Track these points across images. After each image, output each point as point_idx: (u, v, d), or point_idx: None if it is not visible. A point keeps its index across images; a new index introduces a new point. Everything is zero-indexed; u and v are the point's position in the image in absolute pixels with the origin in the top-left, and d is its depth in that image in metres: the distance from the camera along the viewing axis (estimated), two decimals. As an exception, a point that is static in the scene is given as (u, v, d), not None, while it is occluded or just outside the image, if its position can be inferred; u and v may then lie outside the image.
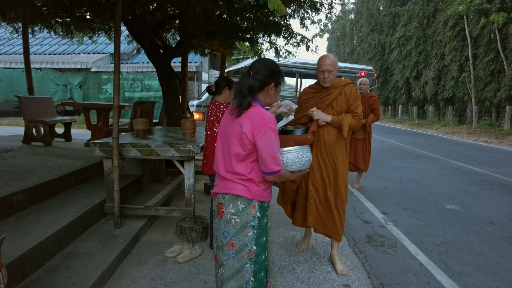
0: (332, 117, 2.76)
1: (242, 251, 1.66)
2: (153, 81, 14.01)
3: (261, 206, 1.71)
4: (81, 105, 8.19)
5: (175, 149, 3.22)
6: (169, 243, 3.24)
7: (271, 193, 1.81)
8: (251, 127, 1.63)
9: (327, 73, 2.73)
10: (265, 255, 1.73)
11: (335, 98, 2.81)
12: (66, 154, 4.86)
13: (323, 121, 2.74)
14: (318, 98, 2.86)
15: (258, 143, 1.61)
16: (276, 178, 1.68)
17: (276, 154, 1.63)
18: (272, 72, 1.74)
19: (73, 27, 5.81)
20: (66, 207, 3.16)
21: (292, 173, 1.77)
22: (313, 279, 2.76)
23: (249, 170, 1.67)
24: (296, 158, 1.73)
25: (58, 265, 2.55)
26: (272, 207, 4.41)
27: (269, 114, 1.69)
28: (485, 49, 16.29)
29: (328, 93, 2.83)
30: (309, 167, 1.87)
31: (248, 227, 1.66)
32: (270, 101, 1.82)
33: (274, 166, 1.62)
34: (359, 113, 2.81)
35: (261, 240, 1.69)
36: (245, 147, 1.64)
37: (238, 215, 1.66)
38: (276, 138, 1.65)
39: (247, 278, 1.66)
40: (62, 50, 15.96)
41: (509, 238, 3.74)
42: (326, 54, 2.83)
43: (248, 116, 1.65)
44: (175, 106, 5.30)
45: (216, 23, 4.01)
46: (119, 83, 3.23)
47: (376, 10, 31.98)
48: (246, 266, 1.66)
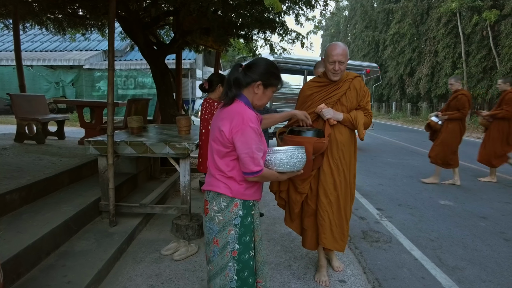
0: (344, 114, 2.41)
1: (225, 249, 1.65)
2: (147, 78, 13.91)
3: (244, 204, 1.67)
4: (74, 102, 8.11)
5: (170, 147, 3.20)
6: (165, 241, 3.24)
7: (258, 192, 1.75)
8: (230, 125, 1.58)
9: (338, 65, 2.33)
10: (250, 255, 1.69)
11: (344, 93, 2.45)
12: (59, 152, 4.81)
13: (334, 120, 2.39)
14: (325, 93, 2.48)
15: (236, 142, 1.57)
16: (257, 178, 1.62)
17: (255, 154, 1.55)
18: (262, 70, 1.65)
19: (65, 24, 5.75)
20: (60, 206, 3.14)
21: (281, 174, 1.70)
22: (310, 275, 2.77)
23: (230, 168, 1.64)
24: (285, 159, 1.65)
25: (54, 264, 2.53)
26: (268, 204, 4.45)
27: (250, 112, 1.62)
28: (478, 46, 16.45)
29: (337, 87, 2.46)
30: (301, 169, 1.76)
31: (230, 225, 1.65)
32: (259, 102, 1.71)
33: (253, 166, 1.56)
34: (370, 110, 2.54)
35: (244, 239, 1.66)
36: (225, 145, 1.61)
37: (221, 213, 1.66)
38: (256, 137, 1.58)
39: (230, 277, 1.66)
40: (54, 47, 15.77)
41: (501, 233, 3.79)
42: (337, 43, 2.39)
43: (229, 114, 1.62)
44: (170, 104, 5.27)
45: (211, 19, 3.99)
46: (113, 80, 3.21)
47: (370, 7, 32.07)
48: (229, 265, 1.65)
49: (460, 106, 5.43)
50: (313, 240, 2.62)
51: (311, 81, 2.62)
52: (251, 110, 1.65)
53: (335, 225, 2.50)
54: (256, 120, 1.63)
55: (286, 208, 2.73)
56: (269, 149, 1.69)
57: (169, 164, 3.43)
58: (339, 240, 2.53)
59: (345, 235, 2.55)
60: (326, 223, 2.47)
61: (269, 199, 4.70)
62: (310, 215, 2.57)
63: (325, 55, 2.40)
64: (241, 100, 1.66)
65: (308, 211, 2.57)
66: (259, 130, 1.64)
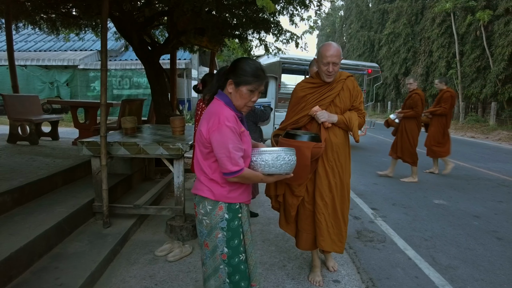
0: (339, 116, 2.37)
1: (215, 252, 1.65)
2: (142, 78, 13.86)
3: (229, 207, 1.64)
4: (68, 103, 8.06)
5: (164, 147, 3.19)
6: (159, 242, 3.22)
7: (244, 194, 1.72)
8: (208, 125, 1.57)
9: (332, 66, 2.28)
10: (241, 259, 1.67)
11: (337, 94, 2.41)
12: (53, 153, 4.78)
13: (329, 122, 2.35)
14: (318, 94, 2.42)
15: (213, 142, 1.55)
16: (237, 179, 1.58)
17: (231, 153, 1.51)
18: (235, 67, 1.61)
19: (59, 24, 5.70)
20: (54, 207, 3.11)
21: (268, 177, 1.66)
22: (304, 275, 2.78)
23: (212, 170, 1.63)
24: (270, 160, 1.60)
25: (46, 266, 2.51)
26: (263, 204, 4.45)
27: (228, 111, 1.59)
28: (471, 46, 16.57)
29: (330, 88, 2.41)
30: (290, 172, 1.70)
31: (217, 229, 1.64)
32: (237, 103, 1.64)
33: (231, 166, 1.52)
34: (363, 111, 2.51)
35: (232, 242, 1.64)
36: (205, 145, 1.60)
37: (207, 216, 1.65)
38: (233, 136, 1.53)
39: (223, 279, 1.66)
40: (48, 47, 15.65)
41: (493, 231, 3.82)
42: (330, 43, 2.32)
43: (207, 113, 1.61)
44: (164, 104, 5.25)
45: (205, 19, 3.98)
46: (106, 81, 3.19)
47: (365, 7, 32.18)
48: (221, 268, 1.65)
49: (413, 105, 5.78)
50: (308, 242, 2.59)
51: (304, 81, 2.55)
52: (229, 109, 1.61)
53: (332, 227, 2.48)
54: (234, 119, 1.59)
55: (281, 211, 2.68)
56: (255, 150, 1.65)
57: (164, 165, 3.42)
58: (337, 241, 2.51)
59: (343, 236, 2.53)
60: (323, 225, 2.45)
61: (264, 199, 4.70)
62: (307, 218, 2.53)
63: (318, 56, 2.35)
64: (221, 99, 1.63)
65: (304, 214, 2.53)
66: (238, 129, 1.58)
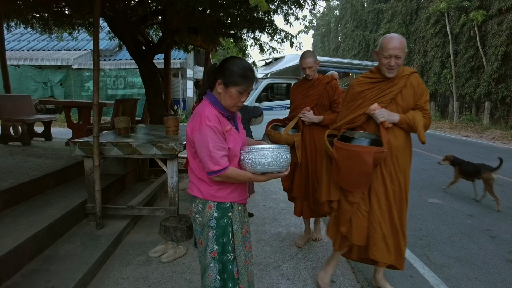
0: (400, 116, 2.17)
1: (207, 250, 1.67)
2: (136, 78, 13.77)
3: (219, 206, 1.64)
4: (62, 103, 7.98)
5: (157, 147, 3.16)
6: (153, 243, 3.19)
7: (235, 193, 1.69)
8: (192, 125, 1.58)
9: (395, 60, 2.09)
10: (229, 257, 1.67)
11: (399, 91, 2.20)
12: (45, 154, 4.72)
13: (390, 122, 2.15)
14: (377, 90, 2.22)
15: (195, 141, 1.56)
16: (221, 178, 1.57)
17: (212, 152, 1.51)
18: (224, 68, 1.58)
19: (51, 23, 5.63)
20: (45, 209, 3.07)
21: (258, 176, 1.62)
22: (299, 275, 2.77)
23: (200, 169, 1.64)
24: (257, 159, 1.55)
25: (37, 268, 2.47)
26: (258, 204, 4.43)
27: (210, 110, 1.57)
28: (465, 46, 16.67)
29: (391, 85, 2.20)
30: (285, 170, 1.63)
31: (208, 227, 1.65)
32: (225, 103, 1.62)
33: (212, 166, 1.52)
34: (428, 111, 2.29)
35: (221, 239, 1.65)
36: (191, 145, 1.62)
37: (200, 214, 1.67)
38: (213, 135, 1.52)
39: (213, 277, 1.67)
40: (42, 46, 15.49)
41: (487, 230, 3.84)
42: (393, 35, 2.16)
43: (194, 113, 1.63)
44: (158, 104, 5.21)
45: (198, 18, 3.95)
46: (99, 81, 3.15)
47: (360, 7, 32.26)
48: (211, 266, 1.67)
49: None
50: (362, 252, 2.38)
51: (362, 76, 2.34)
52: (213, 108, 1.59)
53: (389, 237, 2.24)
54: (216, 118, 1.56)
55: (331, 219, 2.46)
56: (243, 148, 1.62)
57: (158, 165, 3.39)
58: (394, 253, 2.27)
59: (402, 249, 2.28)
60: (379, 234, 2.22)
61: (259, 199, 4.68)
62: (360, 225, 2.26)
63: (380, 48, 2.16)
64: (208, 99, 1.63)
65: (358, 222, 2.26)
66: (220, 128, 1.56)
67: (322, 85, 2.99)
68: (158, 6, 4.70)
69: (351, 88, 2.33)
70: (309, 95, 3.02)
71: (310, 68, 2.91)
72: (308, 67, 2.90)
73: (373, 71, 2.30)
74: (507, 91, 14.05)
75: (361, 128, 2.31)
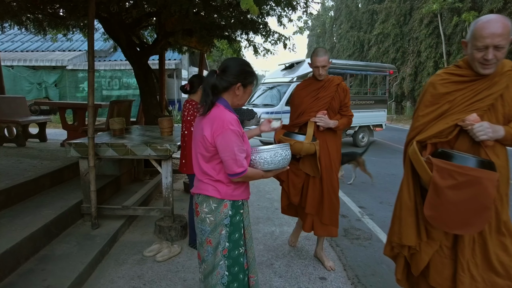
0: (505, 128, 1.62)
1: (217, 248, 1.70)
2: (131, 79, 13.76)
3: (233, 204, 1.72)
4: (56, 104, 7.99)
5: (152, 148, 3.21)
6: (148, 242, 3.24)
7: (246, 191, 1.80)
8: (211, 130, 1.62)
9: (493, 51, 1.53)
10: (240, 251, 1.74)
11: (500, 94, 1.63)
12: (40, 155, 4.74)
13: (491, 139, 1.61)
14: (470, 92, 1.66)
15: (218, 145, 1.61)
16: (242, 178, 1.66)
17: (237, 155, 1.59)
18: (239, 71, 1.68)
19: (46, 24, 5.64)
20: (41, 209, 3.10)
21: (267, 172, 1.75)
22: (291, 273, 2.83)
23: (217, 171, 1.68)
24: (269, 157, 1.69)
25: (33, 268, 2.51)
26: (252, 204, 4.49)
27: (230, 115, 1.65)
28: (458, 47, 16.87)
29: (489, 85, 1.64)
30: (286, 166, 1.78)
31: (221, 225, 1.70)
32: (239, 102, 1.76)
33: (236, 168, 1.60)
34: None
35: (233, 236, 1.71)
36: (208, 149, 1.65)
37: (212, 214, 1.70)
38: (237, 139, 1.61)
39: (221, 274, 1.71)
40: (36, 47, 15.42)
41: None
42: (490, 18, 1.55)
43: (209, 118, 1.65)
44: (153, 104, 5.25)
45: (193, 21, 4.00)
46: (94, 82, 3.19)
47: (355, 8, 32.45)
48: (220, 263, 1.70)
49: None
50: None
51: (446, 73, 1.77)
52: (231, 113, 1.68)
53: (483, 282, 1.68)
54: (237, 122, 1.66)
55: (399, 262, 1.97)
56: (254, 149, 1.73)
57: (153, 166, 3.43)
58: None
59: None
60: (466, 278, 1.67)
61: (252, 199, 4.74)
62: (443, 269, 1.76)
63: (471, 37, 1.60)
64: (221, 104, 1.68)
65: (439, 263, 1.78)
66: (240, 132, 1.66)
67: (333, 86, 2.75)
68: (152, 9, 4.74)
69: (432, 87, 1.76)
70: (321, 98, 2.75)
71: (323, 67, 2.66)
72: (322, 66, 2.64)
73: (461, 66, 1.74)
74: (498, 91, 14.26)
75: (448, 144, 1.72)
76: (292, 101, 2.95)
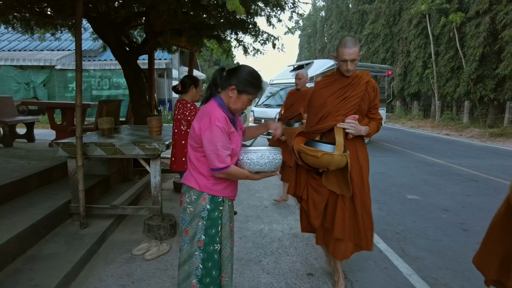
0: None
1: (193, 239, 1.76)
2: (121, 79, 13.66)
3: (212, 199, 1.76)
4: (44, 104, 7.91)
5: (140, 147, 3.22)
6: (137, 241, 3.25)
7: (229, 189, 1.81)
8: (200, 123, 1.69)
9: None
10: (215, 248, 1.77)
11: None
12: (28, 155, 4.70)
13: None
14: None
15: (203, 139, 1.67)
16: (224, 175, 1.70)
17: (219, 151, 1.64)
18: (241, 76, 1.72)
19: (33, 23, 5.58)
20: (28, 209, 3.09)
21: (254, 174, 1.76)
22: (279, 269, 2.87)
23: (201, 163, 1.75)
24: (255, 159, 1.71)
25: (20, 268, 2.50)
26: (242, 203, 4.52)
27: (220, 112, 1.70)
28: (446, 47, 17.14)
29: None
30: (276, 171, 1.77)
31: (198, 217, 1.75)
32: (233, 106, 1.76)
33: (218, 163, 1.65)
34: None
35: (210, 231, 1.75)
36: (196, 141, 1.72)
37: (192, 205, 1.76)
38: (222, 136, 1.65)
39: (196, 265, 1.76)
40: (23, 46, 15.21)
41: (460, 223, 4.03)
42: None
43: (202, 112, 1.74)
44: (142, 104, 5.25)
45: (181, 20, 4.01)
46: (81, 82, 3.19)
47: (345, 8, 32.73)
48: (196, 254, 1.76)
49: None
50: None
51: None
52: (221, 110, 1.72)
53: None
54: (224, 119, 1.70)
55: None
56: (242, 149, 1.77)
57: (142, 166, 3.44)
58: None
59: None
60: None
61: (243, 198, 4.78)
62: None
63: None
64: (216, 101, 1.75)
65: None
66: (227, 129, 1.70)
67: (362, 84, 2.29)
68: (141, 8, 4.74)
69: None
70: (349, 98, 2.29)
71: (353, 62, 2.18)
72: (351, 60, 2.17)
73: None
74: (484, 91, 14.54)
75: None
76: (311, 101, 2.47)
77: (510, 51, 12.71)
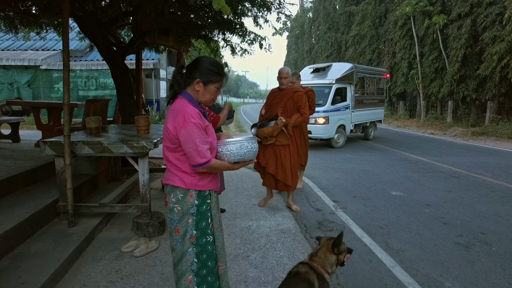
0: None
1: (185, 236, 1.77)
2: (108, 79, 13.53)
3: (199, 194, 1.78)
4: (29, 104, 7.80)
5: (128, 146, 3.24)
6: (125, 239, 3.27)
7: (213, 182, 1.85)
8: (174, 123, 1.69)
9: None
10: (208, 240, 1.80)
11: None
12: (13, 155, 4.65)
13: None
14: None
15: (181, 138, 1.67)
16: (206, 169, 1.71)
17: (199, 147, 1.65)
18: (201, 68, 1.73)
19: (18, 22, 5.52)
20: (14, 209, 3.08)
21: (234, 164, 1.81)
22: (266, 264, 2.93)
23: (182, 162, 1.75)
24: (235, 150, 1.75)
25: (7, 266, 2.50)
26: (230, 201, 4.58)
27: (192, 108, 1.69)
28: (430, 48, 17.54)
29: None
30: (254, 158, 1.84)
31: (188, 214, 1.77)
32: (203, 99, 1.78)
33: (199, 159, 1.66)
34: None
35: (200, 224, 1.78)
36: (172, 141, 1.72)
37: (179, 204, 1.77)
38: (198, 131, 1.66)
39: (190, 261, 1.78)
40: (6, 45, 14.91)
41: (441, 218, 4.17)
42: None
43: (172, 111, 1.73)
44: (130, 104, 5.24)
45: (169, 20, 4.04)
46: (69, 80, 3.19)
47: (332, 9, 33.08)
48: (189, 251, 1.77)
49: None
50: None
51: None
52: (193, 107, 1.73)
53: None
54: (198, 115, 1.71)
55: None
56: (220, 141, 1.80)
57: (130, 165, 3.46)
58: None
59: None
60: None
61: (231, 196, 4.83)
62: None
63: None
64: (184, 97, 1.75)
65: None
66: (203, 125, 1.72)
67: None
68: (128, 8, 4.75)
69: None
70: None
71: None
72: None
73: None
74: (467, 91, 14.93)
75: None
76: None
77: (490, 52, 13.10)
